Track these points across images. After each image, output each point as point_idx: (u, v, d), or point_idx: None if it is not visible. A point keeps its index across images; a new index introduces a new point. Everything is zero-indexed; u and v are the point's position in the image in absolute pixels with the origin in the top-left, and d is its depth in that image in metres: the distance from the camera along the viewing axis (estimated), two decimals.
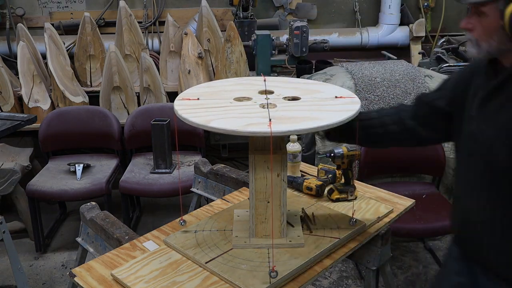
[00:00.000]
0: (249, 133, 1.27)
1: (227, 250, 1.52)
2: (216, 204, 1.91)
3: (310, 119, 1.34)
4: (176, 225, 1.72)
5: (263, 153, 1.46)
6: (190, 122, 1.34)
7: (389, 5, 4.31)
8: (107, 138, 3.43)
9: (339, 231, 1.62)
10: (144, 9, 4.16)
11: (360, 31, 4.41)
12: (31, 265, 3.09)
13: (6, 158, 3.29)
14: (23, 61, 3.56)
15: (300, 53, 3.62)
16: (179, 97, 1.54)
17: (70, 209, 3.72)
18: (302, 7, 4.38)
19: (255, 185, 1.49)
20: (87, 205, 1.89)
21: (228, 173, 2.17)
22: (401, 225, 2.47)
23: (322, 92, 1.61)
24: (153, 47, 4.14)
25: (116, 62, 3.56)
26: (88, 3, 4.23)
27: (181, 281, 1.40)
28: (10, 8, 4.02)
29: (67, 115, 3.45)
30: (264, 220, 1.53)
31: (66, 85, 3.60)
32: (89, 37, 3.80)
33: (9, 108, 3.53)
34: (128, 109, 3.68)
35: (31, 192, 3.06)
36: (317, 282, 2.85)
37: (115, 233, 1.70)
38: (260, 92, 1.59)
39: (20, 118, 2.76)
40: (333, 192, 1.88)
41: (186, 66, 3.70)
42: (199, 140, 3.42)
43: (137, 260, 1.50)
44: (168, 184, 3.08)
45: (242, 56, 3.69)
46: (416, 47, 4.36)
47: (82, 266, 1.52)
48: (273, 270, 1.38)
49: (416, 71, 3.10)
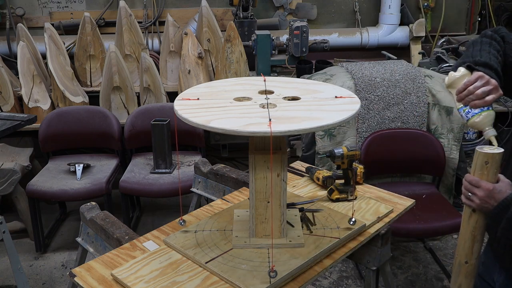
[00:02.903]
0: (249, 133, 1.27)
1: (227, 250, 1.52)
2: (216, 204, 1.91)
3: (310, 119, 1.34)
4: (176, 225, 1.72)
5: (263, 153, 1.46)
6: (190, 122, 1.34)
7: (389, 5, 4.31)
8: (107, 138, 3.43)
9: (339, 231, 1.62)
10: (144, 9, 4.16)
11: (360, 31, 4.41)
12: (31, 265, 3.09)
13: (6, 158, 3.29)
14: (23, 61, 3.56)
15: (300, 53, 3.63)
16: (179, 97, 1.54)
17: (70, 209, 3.72)
18: (302, 7, 4.38)
19: (255, 185, 1.49)
20: (87, 205, 1.89)
21: (228, 173, 2.17)
22: (401, 225, 2.47)
23: (322, 92, 1.61)
24: (153, 47, 4.14)
25: (116, 62, 3.56)
26: (88, 3, 4.23)
27: (181, 281, 1.40)
28: (10, 8, 4.02)
29: (67, 115, 3.45)
30: (264, 220, 1.53)
31: (66, 85, 3.60)
32: (89, 37, 3.80)
33: (9, 108, 3.53)
34: (128, 109, 3.68)
35: (31, 192, 3.06)
36: (317, 282, 2.85)
37: (115, 233, 1.70)
38: (260, 92, 1.59)
39: (20, 118, 2.76)
40: (333, 192, 1.88)
41: (186, 66, 3.70)
42: (199, 140, 3.42)
43: (137, 260, 1.50)
44: (168, 184, 3.08)
45: (242, 56, 3.69)
46: (416, 47, 4.36)
47: (82, 266, 1.52)
48: (272, 270, 1.38)
49: (416, 71, 3.10)
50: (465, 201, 1.43)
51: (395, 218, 1.81)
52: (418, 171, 3.03)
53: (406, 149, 2.90)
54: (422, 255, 3.10)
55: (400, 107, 3.00)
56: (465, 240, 1.48)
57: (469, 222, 1.45)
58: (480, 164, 1.38)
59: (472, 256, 1.48)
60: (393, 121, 3.01)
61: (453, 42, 4.15)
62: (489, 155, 1.36)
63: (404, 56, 4.20)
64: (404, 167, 3.00)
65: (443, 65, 3.68)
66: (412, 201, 1.92)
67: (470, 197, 1.40)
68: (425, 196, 2.84)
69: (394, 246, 3.10)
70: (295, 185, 2.04)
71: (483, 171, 1.38)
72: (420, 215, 2.58)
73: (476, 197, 1.39)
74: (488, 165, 1.36)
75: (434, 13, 4.54)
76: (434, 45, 4.46)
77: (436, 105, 3.02)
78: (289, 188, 1.99)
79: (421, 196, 2.80)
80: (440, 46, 4.02)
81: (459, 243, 1.51)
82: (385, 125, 3.00)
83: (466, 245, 1.48)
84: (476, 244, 1.47)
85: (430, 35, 4.53)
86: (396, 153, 2.92)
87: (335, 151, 1.82)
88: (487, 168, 1.37)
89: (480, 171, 1.38)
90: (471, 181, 1.40)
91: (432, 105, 3.02)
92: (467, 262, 1.49)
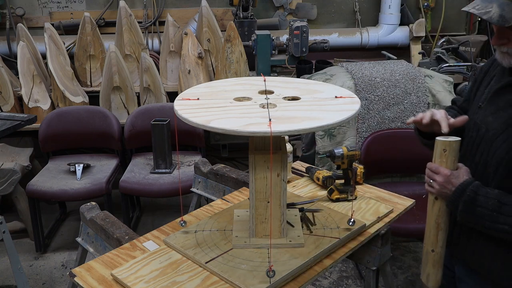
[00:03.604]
0: (249, 133, 1.27)
1: (227, 250, 1.51)
2: (216, 204, 1.91)
3: (310, 119, 1.34)
4: (176, 225, 1.72)
5: (263, 153, 1.46)
6: (190, 122, 1.34)
7: (389, 5, 4.31)
8: (107, 138, 3.43)
9: (339, 231, 1.62)
10: (144, 9, 4.16)
11: (360, 31, 4.41)
12: (31, 265, 3.09)
13: (6, 158, 3.29)
14: (23, 61, 3.56)
15: (300, 53, 3.63)
16: (179, 97, 1.54)
17: (70, 209, 3.72)
18: (302, 7, 4.38)
19: (255, 185, 1.49)
20: (87, 205, 1.89)
21: (228, 173, 2.17)
22: (401, 225, 2.47)
23: (322, 92, 1.61)
24: (153, 47, 4.14)
25: (116, 62, 3.56)
26: (88, 3, 4.23)
27: (181, 281, 1.40)
28: (10, 8, 4.02)
29: (67, 115, 3.45)
30: (264, 220, 1.53)
31: (66, 85, 3.60)
32: (89, 37, 3.80)
33: (9, 108, 3.53)
34: (128, 109, 3.68)
35: (31, 192, 3.06)
36: (317, 282, 2.85)
37: (115, 233, 1.69)
38: (260, 92, 1.59)
39: (20, 118, 2.76)
40: (333, 192, 1.88)
41: (186, 66, 3.70)
42: (199, 140, 3.42)
43: (137, 260, 1.50)
44: (168, 184, 3.08)
45: (242, 56, 3.69)
46: (416, 47, 4.36)
47: (82, 266, 1.51)
48: (270, 270, 1.38)
49: (416, 71, 3.10)
50: (427, 188, 1.49)
51: (395, 218, 1.81)
52: (418, 171, 3.03)
53: (406, 149, 2.90)
54: (422, 255, 3.10)
55: (400, 107, 3.00)
56: (430, 228, 1.53)
57: (433, 210, 1.51)
58: (439, 152, 1.45)
59: (438, 244, 1.53)
60: (393, 121, 3.01)
61: (453, 42, 4.15)
62: (446, 142, 1.44)
63: (404, 56, 4.20)
64: (404, 167, 2.99)
65: (443, 65, 3.68)
66: (412, 201, 1.92)
67: (431, 183, 1.46)
68: (425, 196, 2.83)
69: (394, 246, 3.10)
70: (295, 185, 2.04)
71: (442, 158, 1.45)
72: (420, 215, 2.58)
73: (436, 183, 1.45)
74: (446, 152, 1.43)
75: (434, 13, 4.54)
76: (434, 45, 4.46)
77: (436, 105, 3.02)
78: (289, 188, 1.99)
79: (421, 196, 2.80)
80: (440, 46, 4.02)
81: (426, 232, 1.55)
82: (385, 125, 3.00)
83: (431, 234, 1.53)
84: (440, 232, 1.51)
85: (430, 35, 4.53)
86: (396, 153, 2.92)
87: (335, 151, 1.82)
88: (445, 155, 1.44)
89: (439, 159, 1.45)
90: (431, 168, 1.47)
91: (432, 105, 3.02)
92: (433, 251, 1.54)
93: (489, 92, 1.47)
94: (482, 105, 1.48)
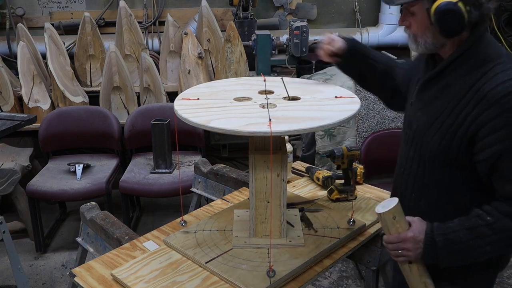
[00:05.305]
0: (249, 133, 1.27)
1: (227, 250, 1.52)
2: (216, 204, 1.91)
3: (310, 119, 1.34)
4: (176, 225, 1.72)
5: (263, 153, 1.46)
6: (190, 122, 1.34)
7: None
8: (107, 138, 3.43)
9: (339, 231, 1.63)
10: (144, 9, 4.16)
11: (360, 31, 4.41)
12: (31, 265, 3.09)
13: (6, 158, 3.29)
14: (23, 61, 3.56)
15: (300, 53, 3.62)
16: (179, 97, 1.54)
17: (70, 209, 3.72)
18: (302, 7, 4.38)
19: (255, 185, 1.49)
20: (87, 205, 1.89)
21: (228, 173, 2.17)
22: None
23: (322, 92, 1.62)
24: (153, 47, 4.14)
25: (116, 62, 3.56)
26: (88, 3, 4.23)
27: (181, 281, 1.41)
28: (10, 8, 4.02)
29: (67, 115, 3.45)
30: (264, 220, 1.53)
31: (66, 85, 3.60)
32: (89, 37, 3.80)
33: (9, 108, 3.53)
34: (128, 109, 3.68)
35: (31, 192, 3.06)
36: (317, 282, 2.85)
37: (115, 233, 1.70)
38: (260, 92, 1.59)
39: (20, 118, 2.76)
40: (333, 192, 1.88)
41: (186, 66, 3.70)
42: (199, 140, 3.42)
43: (137, 260, 1.50)
44: (168, 184, 3.08)
45: (242, 56, 3.69)
46: None
47: (82, 266, 1.52)
48: (270, 270, 1.38)
49: None
50: (401, 260, 1.40)
51: None
52: None
53: None
54: None
55: None
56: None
57: (413, 274, 1.42)
58: (390, 221, 1.37)
59: None
60: (393, 121, 3.01)
61: None
62: (392, 210, 1.35)
63: (404, 56, 4.19)
64: None
65: None
66: None
67: (403, 253, 1.38)
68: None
69: None
70: (295, 185, 2.04)
71: (395, 225, 1.36)
72: None
73: (407, 251, 1.37)
74: (397, 218, 1.36)
75: None
76: None
77: None
78: (289, 188, 1.99)
79: None
80: None
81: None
82: (385, 125, 3.00)
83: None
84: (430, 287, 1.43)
85: None
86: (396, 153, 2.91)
87: (335, 151, 1.82)
88: (397, 221, 1.36)
89: (393, 227, 1.37)
90: (393, 241, 1.38)
91: None
92: None
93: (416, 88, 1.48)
94: (412, 101, 1.48)
